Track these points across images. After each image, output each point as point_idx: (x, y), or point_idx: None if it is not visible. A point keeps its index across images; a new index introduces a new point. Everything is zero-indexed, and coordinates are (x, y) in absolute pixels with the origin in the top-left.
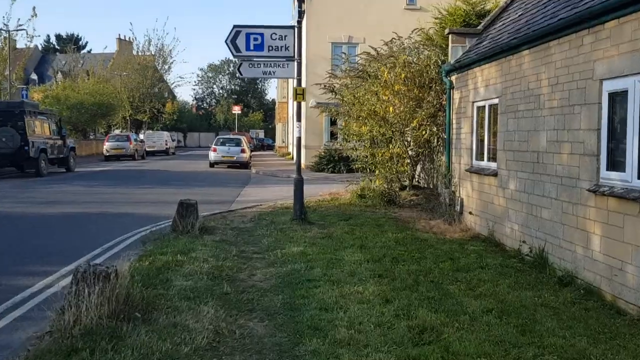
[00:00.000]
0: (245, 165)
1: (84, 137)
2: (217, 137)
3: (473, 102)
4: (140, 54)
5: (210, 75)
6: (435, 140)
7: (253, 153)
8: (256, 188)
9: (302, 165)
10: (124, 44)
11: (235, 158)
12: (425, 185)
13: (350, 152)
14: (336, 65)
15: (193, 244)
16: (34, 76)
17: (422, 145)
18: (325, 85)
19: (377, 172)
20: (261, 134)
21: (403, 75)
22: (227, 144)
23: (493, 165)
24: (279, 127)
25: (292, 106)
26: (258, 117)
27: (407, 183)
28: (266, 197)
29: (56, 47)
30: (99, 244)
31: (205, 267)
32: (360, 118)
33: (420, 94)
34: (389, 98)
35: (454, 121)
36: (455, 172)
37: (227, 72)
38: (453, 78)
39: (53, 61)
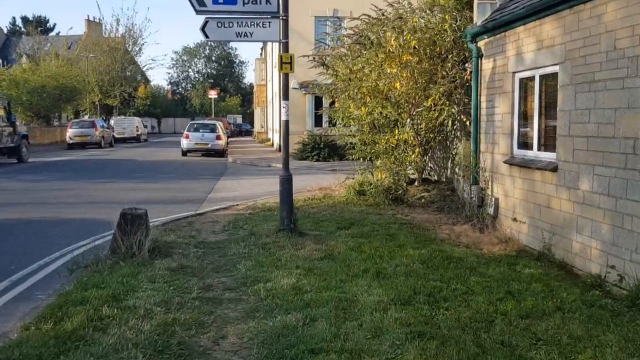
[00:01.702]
0: (221, 153)
1: (46, 124)
2: (190, 122)
3: (514, 73)
4: (109, 35)
5: (185, 58)
6: (450, 123)
7: (230, 139)
8: (233, 180)
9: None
10: (93, 25)
11: (209, 145)
12: (436, 179)
13: (345, 139)
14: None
15: (136, 277)
16: None
17: (434, 130)
18: (313, 58)
19: (378, 162)
20: (239, 119)
21: (413, 42)
22: (200, 130)
23: (549, 156)
24: (257, 111)
25: (271, 87)
26: (235, 101)
27: (415, 176)
28: (244, 192)
29: (22, 29)
30: (3, 273)
31: (146, 327)
32: (359, 97)
33: (433, 67)
34: (395, 72)
35: (484, 99)
36: (486, 163)
37: (203, 55)
38: (482, 43)
39: (18, 44)
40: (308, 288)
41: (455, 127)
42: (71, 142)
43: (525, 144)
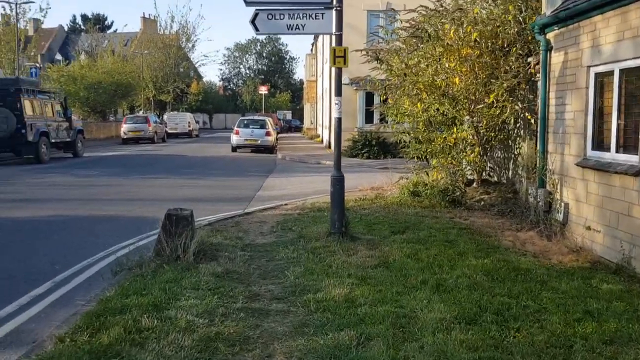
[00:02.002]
0: (270, 149)
1: (102, 119)
2: (240, 118)
3: (589, 67)
4: (164, 32)
5: (236, 55)
6: (512, 121)
7: (280, 135)
8: (281, 178)
9: (333, 150)
10: (149, 22)
11: (259, 142)
12: (496, 180)
13: (398, 137)
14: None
15: (179, 283)
16: (58, 56)
17: (495, 128)
18: (367, 52)
19: (434, 162)
20: (289, 115)
21: (474, 35)
22: (250, 126)
23: (629, 159)
24: (307, 107)
25: (321, 82)
26: (285, 97)
27: (474, 177)
28: (293, 191)
29: (82, 27)
30: (47, 274)
31: (187, 342)
32: (414, 93)
33: (494, 61)
34: (454, 66)
35: (553, 95)
36: (555, 165)
37: (254, 51)
38: (551, 35)
39: (77, 41)
40: (362, 300)
41: (518, 125)
42: (125, 137)
43: (600, 145)
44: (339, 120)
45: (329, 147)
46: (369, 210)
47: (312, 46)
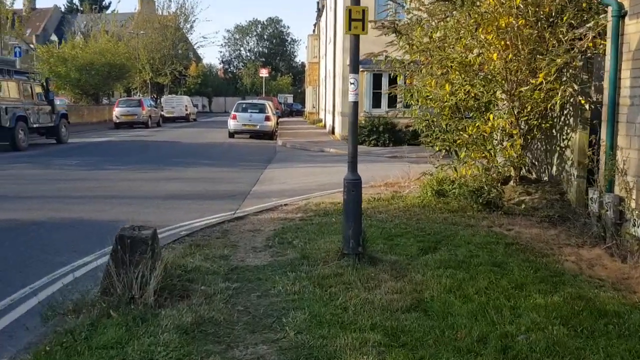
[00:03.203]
0: (269, 135)
1: (95, 102)
2: (238, 102)
3: None
4: (161, 12)
5: (237, 37)
6: (558, 107)
7: (281, 120)
8: (281, 169)
9: (337, 136)
10: (146, 2)
11: (258, 127)
12: (535, 177)
13: (420, 125)
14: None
15: (124, 351)
16: (54, 37)
17: (540, 115)
18: (382, 24)
19: (462, 154)
20: (290, 99)
21: (517, 0)
22: (249, 110)
23: None
24: (309, 90)
25: (324, 64)
26: (286, 80)
27: (511, 173)
28: (294, 185)
29: (79, 7)
30: None
31: None
32: (439, 72)
33: (539, 33)
34: (492, 38)
35: (627, 74)
36: (629, 165)
37: (255, 33)
38: None
39: (73, 22)
40: None
41: (566, 111)
42: (118, 121)
43: None
44: (355, 105)
45: (333, 132)
46: (387, 215)
47: (314, 27)
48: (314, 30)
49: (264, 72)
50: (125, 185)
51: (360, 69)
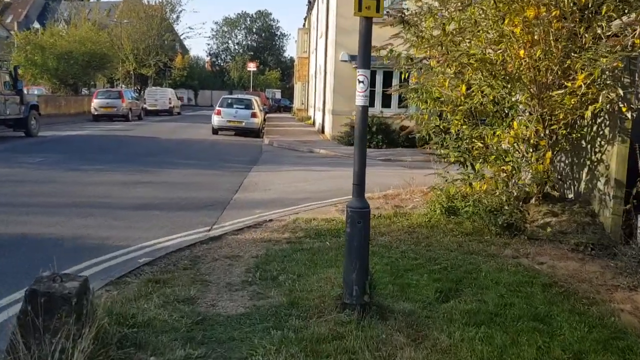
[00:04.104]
0: (256, 133)
1: (74, 93)
2: (223, 97)
3: None
4: (147, 1)
5: (225, 29)
6: (589, 115)
7: (268, 116)
8: (267, 172)
9: (327, 135)
10: None
11: (244, 124)
12: (558, 194)
13: (427, 129)
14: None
15: None
16: (36, 25)
17: (571, 124)
18: (387, 12)
19: (477, 166)
20: (278, 94)
21: None
22: (234, 106)
23: None
24: (298, 86)
25: (314, 59)
26: (275, 75)
27: (532, 189)
28: (281, 193)
29: None
30: None
31: None
32: (453, 70)
33: (574, 27)
34: (518, 32)
35: None
36: None
37: (244, 26)
38: None
39: (57, 10)
40: None
41: (600, 120)
42: (96, 113)
43: None
44: (363, 110)
45: (322, 131)
46: (390, 238)
47: (305, 20)
48: (304, 24)
49: (251, 66)
50: (89, 191)
51: (353, 65)
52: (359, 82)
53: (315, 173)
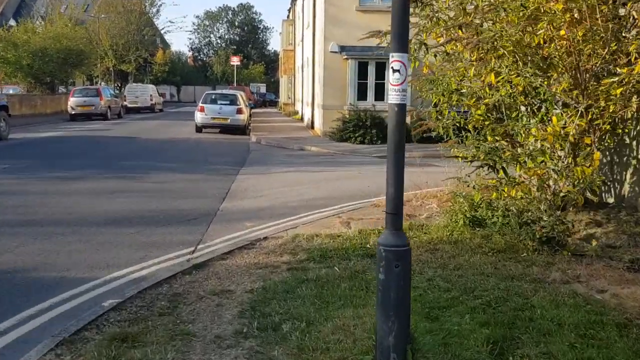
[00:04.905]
0: (242, 130)
1: (51, 91)
2: (206, 92)
3: None
4: None
5: (207, 23)
6: (635, 108)
7: (254, 111)
8: (257, 175)
9: (317, 131)
10: None
11: (229, 121)
12: (599, 199)
13: (443, 126)
14: None
15: None
16: (12, 22)
17: (618, 119)
18: None
19: (517, 169)
20: (263, 88)
21: None
22: (218, 102)
23: None
24: (283, 80)
25: (301, 52)
26: (259, 69)
27: (576, 196)
28: (274, 199)
29: None
30: None
31: None
32: (475, 57)
33: (613, 11)
34: (560, 9)
35: None
36: None
37: (226, 20)
38: None
39: (33, 6)
40: None
41: None
42: (73, 112)
43: None
44: (400, 111)
45: (312, 127)
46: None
47: (289, 12)
48: (288, 16)
49: (235, 60)
50: (54, 203)
51: (344, 56)
52: (395, 70)
53: (309, 174)
